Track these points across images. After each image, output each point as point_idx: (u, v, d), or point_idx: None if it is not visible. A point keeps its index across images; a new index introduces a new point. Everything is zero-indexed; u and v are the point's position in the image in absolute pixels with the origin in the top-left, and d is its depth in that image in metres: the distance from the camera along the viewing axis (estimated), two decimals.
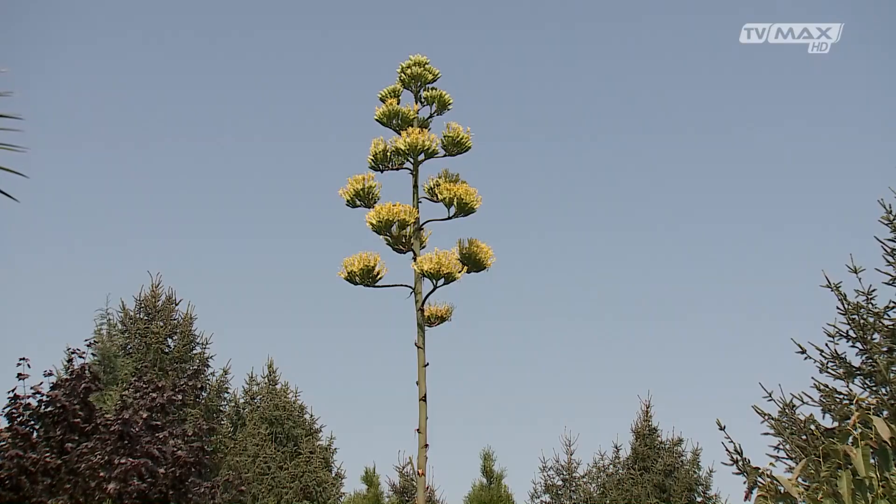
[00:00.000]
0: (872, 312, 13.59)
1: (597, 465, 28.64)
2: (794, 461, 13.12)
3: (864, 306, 13.64)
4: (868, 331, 13.36)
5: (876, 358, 12.99)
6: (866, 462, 4.97)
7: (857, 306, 13.67)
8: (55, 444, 16.56)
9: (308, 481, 24.74)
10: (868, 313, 13.58)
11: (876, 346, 13.16)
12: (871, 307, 13.66)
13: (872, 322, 13.47)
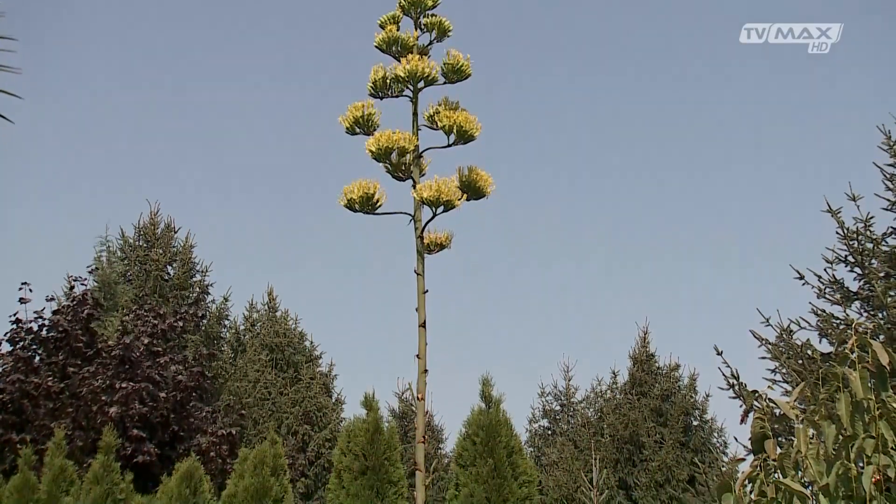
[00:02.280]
0: (871, 239, 13.65)
1: (594, 390, 28.89)
2: (791, 385, 13.26)
3: (863, 233, 13.70)
4: (866, 257, 13.42)
5: (874, 283, 13.06)
6: (864, 385, 5.02)
7: (855, 232, 13.73)
8: (57, 368, 16.72)
9: (308, 406, 24.99)
10: (866, 240, 13.63)
11: (874, 272, 13.23)
12: (869, 234, 13.72)
13: (871, 248, 13.53)
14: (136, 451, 15.99)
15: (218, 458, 17.52)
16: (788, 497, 5.14)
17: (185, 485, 9.60)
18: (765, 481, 5.15)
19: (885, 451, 4.78)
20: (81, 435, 15.74)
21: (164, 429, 17.15)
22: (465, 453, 8.97)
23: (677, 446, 24.19)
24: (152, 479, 14.30)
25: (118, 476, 10.23)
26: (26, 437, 14.65)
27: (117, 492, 10.12)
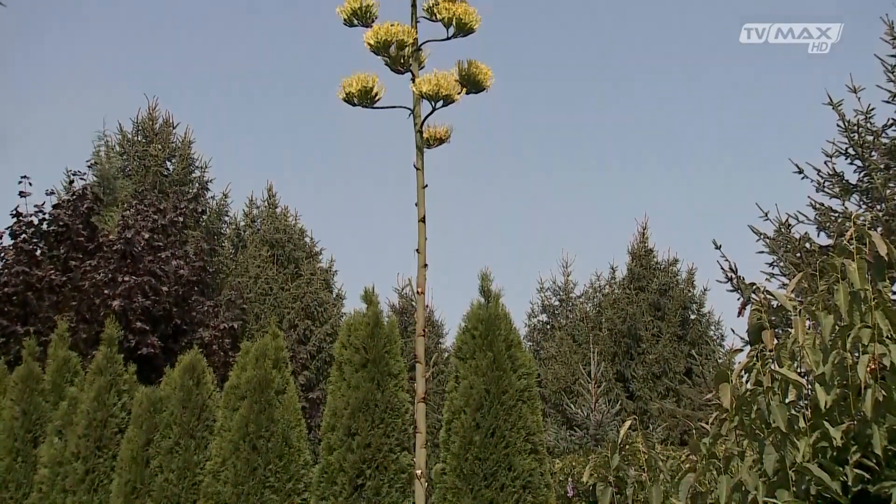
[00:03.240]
0: (871, 131, 13.61)
1: (593, 285, 29.11)
2: (789, 278, 13.34)
3: (863, 125, 13.64)
4: (866, 149, 13.39)
5: (873, 175, 13.05)
6: (862, 275, 5.04)
7: (855, 125, 13.67)
8: (59, 262, 16.81)
9: (309, 301, 25.18)
10: (866, 132, 13.59)
11: (873, 164, 13.21)
12: (869, 126, 13.66)
13: (871, 140, 13.50)
14: (140, 343, 16.19)
15: (220, 351, 17.74)
16: (784, 386, 5.20)
17: (187, 376, 9.73)
18: (761, 371, 5.21)
19: (881, 340, 4.82)
20: (85, 327, 15.91)
21: (166, 322, 17.32)
22: (464, 346, 9.05)
23: (674, 339, 24.47)
24: (155, 371, 14.50)
25: (122, 367, 10.38)
26: (30, 329, 14.82)
27: (121, 383, 10.27)
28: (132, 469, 9.51)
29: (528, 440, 8.75)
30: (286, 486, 8.95)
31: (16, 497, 10.23)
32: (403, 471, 8.77)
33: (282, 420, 9.20)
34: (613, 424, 17.51)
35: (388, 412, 8.98)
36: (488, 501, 8.42)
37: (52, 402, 10.71)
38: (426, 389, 6.33)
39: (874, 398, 4.69)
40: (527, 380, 8.95)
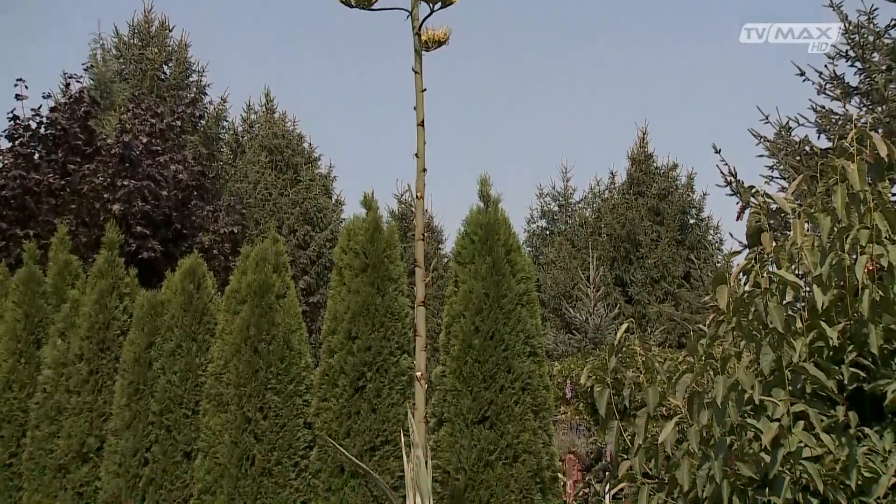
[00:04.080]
0: (873, 32, 13.44)
1: (592, 191, 29.09)
2: (788, 182, 13.32)
3: (865, 26, 13.47)
4: (868, 50, 13.25)
5: (874, 77, 12.93)
6: (861, 177, 5.03)
7: (857, 26, 13.49)
8: (57, 166, 16.76)
9: (308, 207, 25.18)
10: (869, 33, 13.42)
11: (875, 66, 13.09)
12: (872, 27, 13.49)
13: (872, 41, 13.34)
14: (140, 247, 16.24)
15: (220, 256, 17.80)
16: (782, 288, 5.23)
17: (188, 280, 9.76)
18: (759, 273, 5.23)
19: (879, 241, 4.83)
20: (85, 231, 15.95)
21: (166, 226, 17.35)
22: (463, 251, 9.06)
23: (673, 244, 24.53)
24: (156, 275, 14.56)
25: (123, 271, 10.41)
26: (30, 233, 14.84)
27: (122, 286, 10.31)
28: (135, 370, 9.62)
29: (528, 343, 8.82)
30: (288, 387, 9.06)
31: (20, 397, 10.36)
32: (403, 373, 8.87)
33: (283, 324, 9.27)
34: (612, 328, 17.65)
35: (388, 316, 9.04)
36: (487, 403, 8.52)
37: (53, 304, 10.77)
38: (425, 294, 6.36)
39: (871, 298, 4.72)
40: (526, 284, 8.98)
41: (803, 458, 4.68)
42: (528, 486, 8.38)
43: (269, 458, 8.86)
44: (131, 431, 9.43)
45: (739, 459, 5.00)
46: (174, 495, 9.20)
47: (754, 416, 5.03)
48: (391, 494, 6.13)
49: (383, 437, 8.68)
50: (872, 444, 4.72)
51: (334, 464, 8.71)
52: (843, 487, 4.66)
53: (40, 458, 9.83)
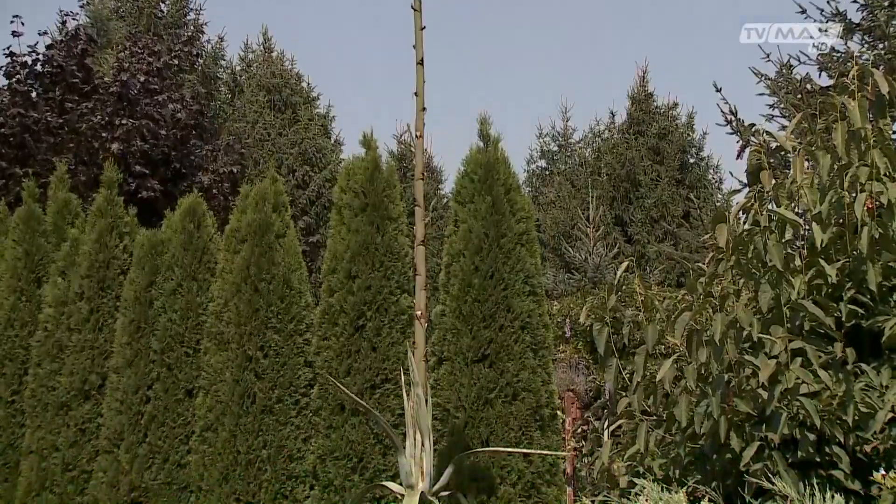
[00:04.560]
0: None
1: (592, 130, 28.96)
2: (789, 120, 13.26)
3: None
4: None
5: (876, 13, 12.81)
6: (862, 113, 5.01)
7: None
8: (55, 104, 16.67)
9: (307, 147, 25.09)
10: None
11: (877, 1, 12.95)
12: None
13: None
14: (140, 187, 16.21)
15: (220, 196, 17.78)
16: (781, 226, 5.24)
17: (188, 219, 9.75)
18: (759, 211, 5.24)
19: (879, 178, 4.84)
20: (84, 170, 15.91)
21: (165, 166, 17.30)
22: (463, 191, 9.04)
23: (673, 183, 24.48)
24: (156, 214, 14.53)
25: (122, 210, 10.39)
26: (29, 171, 14.79)
27: (122, 225, 10.30)
28: (136, 309, 9.65)
29: (527, 282, 8.84)
30: (288, 326, 9.10)
31: (21, 335, 10.39)
32: (403, 312, 8.90)
33: (283, 263, 9.28)
34: (611, 268, 17.67)
35: (388, 255, 9.05)
36: (487, 341, 8.57)
37: (53, 243, 10.76)
38: (425, 233, 6.36)
39: (870, 235, 4.73)
40: (525, 223, 8.98)
41: (800, 395, 4.72)
42: (527, 424, 8.45)
43: (270, 395, 8.92)
44: (133, 369, 9.49)
45: (737, 396, 5.05)
46: (176, 432, 9.28)
47: (752, 353, 5.07)
48: (391, 432, 6.19)
49: (383, 375, 8.74)
50: (869, 380, 4.77)
51: (335, 402, 8.77)
52: (839, 423, 4.71)
53: (42, 395, 9.90)
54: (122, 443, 9.36)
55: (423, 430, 5.97)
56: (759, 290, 5.02)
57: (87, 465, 9.60)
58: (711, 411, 4.98)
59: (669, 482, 5.25)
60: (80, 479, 9.57)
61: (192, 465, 9.08)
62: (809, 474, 4.63)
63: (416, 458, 5.94)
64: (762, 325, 5.09)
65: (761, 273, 5.15)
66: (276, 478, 8.76)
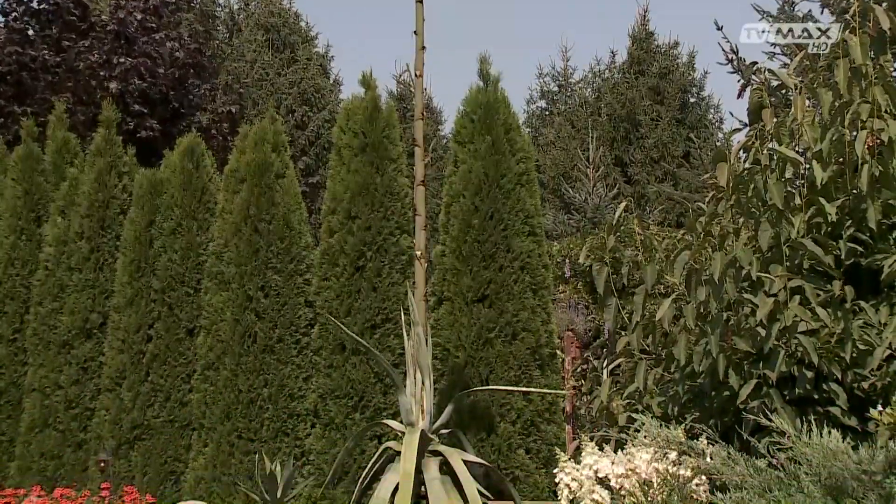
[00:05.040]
0: None
1: (592, 70, 28.75)
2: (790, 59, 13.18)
3: None
4: None
5: None
6: (864, 50, 4.98)
7: None
8: (52, 42, 16.55)
9: (306, 87, 24.92)
10: None
11: None
12: None
13: None
14: (138, 126, 16.15)
15: (219, 136, 17.72)
16: (782, 164, 5.23)
17: (187, 159, 9.71)
18: (759, 149, 5.22)
19: (880, 115, 4.81)
20: (82, 109, 15.83)
21: (164, 105, 17.22)
22: (462, 131, 9.00)
23: (673, 123, 24.35)
24: (155, 154, 14.50)
25: (121, 150, 10.34)
26: (27, 110, 14.71)
27: (121, 165, 10.26)
28: (136, 249, 9.66)
29: (527, 223, 8.85)
30: (288, 266, 9.12)
31: (22, 274, 10.40)
32: (403, 253, 8.91)
33: (282, 203, 9.28)
34: (611, 208, 17.65)
35: (388, 196, 9.04)
36: (487, 282, 8.59)
37: (53, 182, 10.72)
38: (425, 174, 6.35)
39: (870, 173, 4.72)
40: (525, 164, 8.96)
41: (799, 332, 4.74)
42: (526, 363, 8.51)
43: (270, 335, 8.97)
44: (134, 308, 9.53)
45: (736, 334, 5.08)
46: (178, 371, 9.34)
47: (751, 291, 5.09)
48: (392, 371, 6.24)
49: (384, 315, 8.78)
50: (868, 318, 4.78)
51: (335, 341, 8.82)
52: (837, 360, 4.74)
53: (44, 333, 9.95)
54: (124, 381, 9.43)
55: (424, 369, 6.02)
56: (758, 229, 5.02)
57: (89, 403, 9.68)
58: (710, 349, 5.00)
59: (668, 420, 5.29)
60: (82, 416, 9.65)
61: (193, 404, 9.16)
62: (807, 411, 4.66)
63: (416, 397, 5.99)
64: (761, 263, 5.10)
65: (761, 212, 5.15)
66: (278, 416, 8.83)
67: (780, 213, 4.96)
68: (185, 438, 9.25)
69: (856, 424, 4.67)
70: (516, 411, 8.40)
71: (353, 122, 9.22)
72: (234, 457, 8.79)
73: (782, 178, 5.17)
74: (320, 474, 8.57)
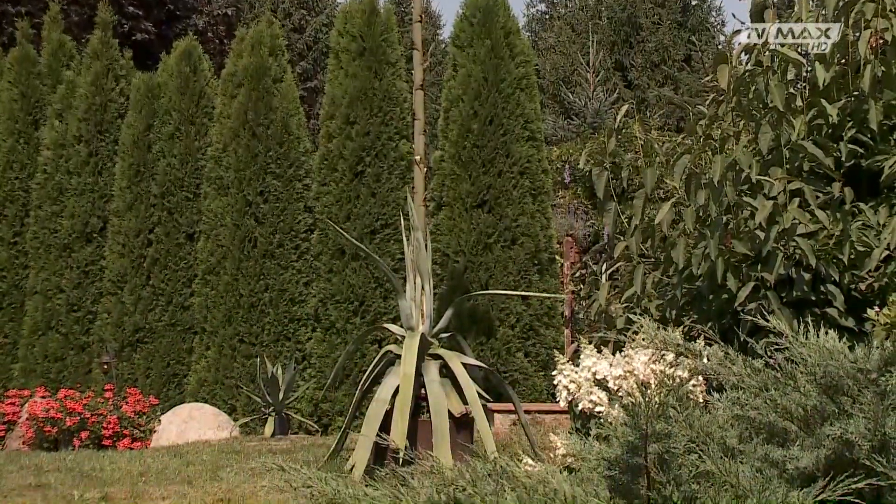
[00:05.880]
0: None
1: None
2: None
3: None
4: None
5: None
6: None
7: None
8: None
9: None
10: None
11: None
12: None
13: None
14: (133, 29, 15.97)
15: (215, 39, 17.54)
16: (784, 66, 5.18)
17: (184, 63, 9.60)
18: (761, 51, 5.17)
19: (885, 14, 4.75)
20: (76, 10, 15.63)
21: (159, 7, 17.00)
22: (462, 34, 8.92)
23: (674, 26, 24.08)
24: (151, 58, 14.36)
25: (117, 52, 10.21)
26: (21, 10, 14.50)
27: (118, 68, 10.14)
28: (134, 153, 9.62)
29: (526, 127, 8.82)
30: (287, 171, 9.11)
31: (21, 177, 10.35)
32: (402, 158, 8.89)
33: (280, 108, 9.22)
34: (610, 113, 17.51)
35: (387, 101, 8.98)
36: (486, 187, 8.59)
37: (49, 85, 10.61)
38: (424, 78, 6.29)
39: (873, 73, 4.68)
40: (525, 68, 8.89)
41: (797, 235, 4.75)
42: (525, 268, 8.55)
43: (270, 240, 9.00)
44: (133, 213, 9.53)
45: (735, 237, 5.09)
46: (179, 275, 9.39)
47: (751, 194, 5.08)
48: (392, 276, 6.25)
49: (383, 220, 8.79)
50: (867, 219, 4.79)
51: (335, 247, 8.86)
52: (835, 262, 4.76)
53: (45, 237, 9.95)
54: (125, 285, 9.48)
55: (423, 273, 6.04)
56: (759, 132, 4.99)
57: (91, 307, 9.74)
58: (709, 253, 5.01)
59: (666, 323, 5.32)
60: (85, 319, 9.73)
61: (195, 308, 9.23)
62: (804, 313, 4.69)
63: (416, 302, 6.02)
64: (761, 166, 5.08)
65: (762, 114, 5.12)
66: (279, 320, 8.91)
67: (781, 115, 4.93)
68: (186, 342, 9.34)
69: (853, 325, 4.71)
70: (515, 315, 8.48)
71: (350, 26, 9.11)
72: (236, 360, 8.90)
73: (784, 80, 5.13)
74: (321, 377, 8.68)
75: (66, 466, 6.66)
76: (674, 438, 3.10)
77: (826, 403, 3.14)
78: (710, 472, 2.97)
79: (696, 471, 3.02)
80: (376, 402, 5.60)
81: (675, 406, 3.26)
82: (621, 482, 3.13)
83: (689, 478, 3.03)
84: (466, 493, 3.03)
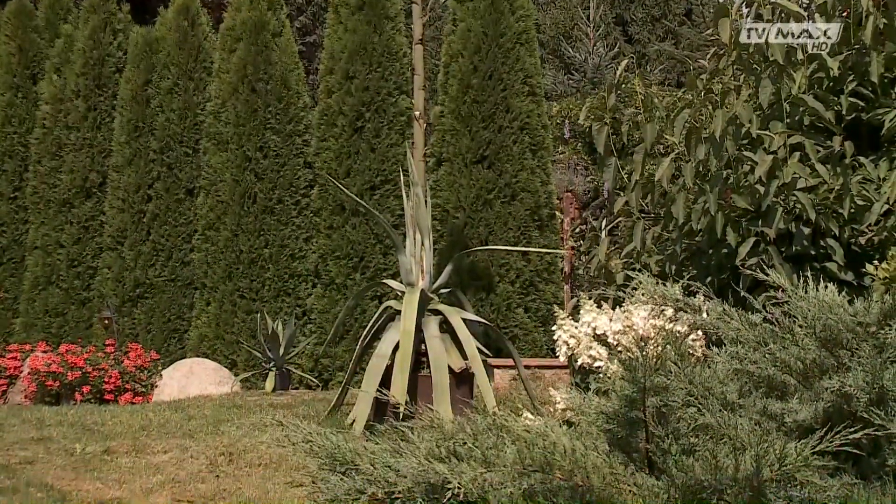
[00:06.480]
0: None
1: None
2: None
3: None
4: None
5: None
6: None
7: None
8: None
9: None
10: None
11: None
12: None
13: None
14: None
15: None
16: (785, 18, 5.15)
17: (182, 17, 9.52)
18: (762, 4, 5.13)
19: None
20: None
21: None
22: None
23: None
24: (149, 12, 14.26)
25: (115, 6, 10.10)
26: None
27: (115, 22, 10.05)
28: (133, 108, 9.58)
29: (526, 83, 8.78)
30: (287, 127, 9.08)
31: (20, 132, 10.29)
32: (402, 113, 8.86)
33: (279, 62, 9.18)
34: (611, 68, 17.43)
35: (386, 56, 8.94)
36: (486, 142, 8.57)
37: (47, 39, 10.53)
38: (423, 33, 6.25)
39: (875, 25, 4.66)
40: (525, 22, 8.84)
41: (797, 189, 4.75)
42: (525, 223, 8.55)
43: (270, 196, 8.99)
44: (133, 168, 9.50)
45: (735, 192, 5.09)
46: (179, 231, 9.38)
47: (751, 149, 5.07)
48: (392, 231, 6.26)
49: (383, 176, 8.78)
50: (867, 173, 4.78)
51: (335, 202, 8.85)
52: (835, 216, 4.76)
53: (44, 192, 9.93)
54: (125, 240, 9.48)
55: (423, 229, 6.04)
56: (759, 86, 4.98)
57: (91, 262, 9.74)
58: (709, 207, 5.02)
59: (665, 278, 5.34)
60: (85, 274, 9.73)
61: (195, 263, 9.23)
62: (804, 267, 4.70)
63: (416, 257, 6.03)
64: (762, 121, 5.07)
65: (762, 68, 5.10)
66: (279, 276, 8.92)
67: (782, 68, 4.91)
68: (187, 297, 9.36)
69: (852, 279, 4.72)
70: (515, 271, 8.49)
71: None
72: (237, 315, 8.92)
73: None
74: (322, 333, 8.71)
75: (68, 420, 6.71)
76: (672, 392, 3.13)
77: (825, 357, 3.16)
78: (709, 425, 2.99)
79: (694, 424, 3.05)
80: (376, 357, 5.63)
81: (675, 361, 3.28)
82: (620, 436, 3.16)
83: (688, 431, 3.06)
84: (466, 447, 3.06)
